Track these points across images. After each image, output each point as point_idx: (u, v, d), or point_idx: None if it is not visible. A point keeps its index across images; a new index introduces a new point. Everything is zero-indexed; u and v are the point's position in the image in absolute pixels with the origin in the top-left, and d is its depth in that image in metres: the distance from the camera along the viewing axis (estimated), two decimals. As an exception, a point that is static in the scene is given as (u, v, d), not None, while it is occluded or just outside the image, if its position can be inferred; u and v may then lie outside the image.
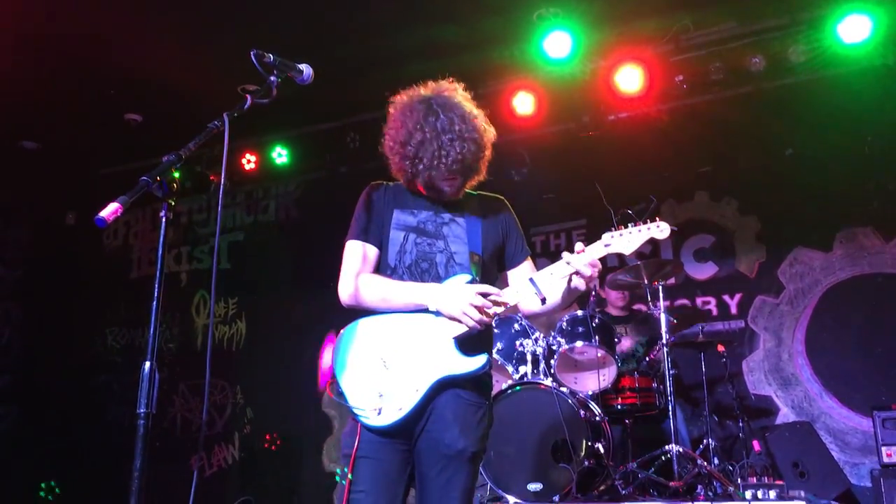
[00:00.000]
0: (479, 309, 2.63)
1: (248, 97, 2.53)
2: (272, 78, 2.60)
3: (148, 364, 2.16)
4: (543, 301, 2.77)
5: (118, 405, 8.75)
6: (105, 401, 8.85)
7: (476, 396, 2.72)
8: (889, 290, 6.31)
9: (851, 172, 6.55)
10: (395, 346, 2.70)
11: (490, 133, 2.85)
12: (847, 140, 6.56)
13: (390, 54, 6.42)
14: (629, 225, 2.80)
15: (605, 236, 2.80)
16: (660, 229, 2.79)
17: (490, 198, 3.04)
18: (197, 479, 2.60)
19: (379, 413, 2.61)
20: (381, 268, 2.86)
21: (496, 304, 2.68)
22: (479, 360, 2.65)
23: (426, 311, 2.70)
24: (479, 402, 2.73)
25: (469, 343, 2.67)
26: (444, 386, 2.66)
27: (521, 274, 2.94)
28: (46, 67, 6.85)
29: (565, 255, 2.70)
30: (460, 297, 2.64)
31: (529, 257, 3.03)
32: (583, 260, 2.67)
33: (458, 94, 2.86)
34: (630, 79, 6.72)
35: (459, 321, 2.64)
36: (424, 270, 2.80)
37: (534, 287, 2.74)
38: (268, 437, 8.15)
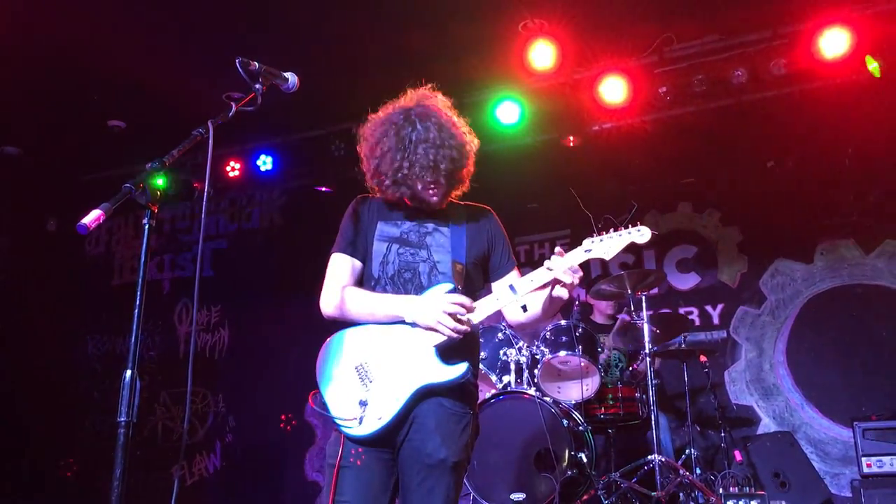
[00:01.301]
0: (454, 317, 2.63)
1: (233, 105, 2.53)
2: (257, 86, 2.60)
3: (129, 372, 2.14)
4: (525, 309, 2.77)
5: (98, 413, 8.67)
6: (85, 408, 8.77)
7: (459, 406, 2.72)
8: (869, 301, 6.38)
9: (832, 185, 6.63)
10: (376, 356, 2.69)
11: (473, 142, 2.85)
12: (827, 153, 6.64)
13: (376, 62, 6.43)
14: (610, 230, 2.81)
15: (586, 242, 2.81)
16: (640, 234, 2.79)
17: (477, 208, 3.04)
18: (178, 487, 2.58)
19: (360, 422, 2.60)
20: (364, 279, 2.87)
21: (470, 310, 2.68)
22: (458, 369, 2.64)
23: (406, 322, 2.70)
24: (463, 412, 2.73)
25: (450, 352, 2.67)
26: (426, 395, 2.65)
27: (506, 284, 2.93)
28: (29, 72, 6.80)
29: (547, 262, 2.71)
30: (434, 306, 2.64)
31: (516, 268, 3.02)
32: (563, 265, 2.67)
33: (439, 102, 2.86)
34: (614, 90, 6.75)
35: (436, 331, 2.64)
36: (407, 280, 2.80)
37: (513, 294, 2.74)
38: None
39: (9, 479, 8.17)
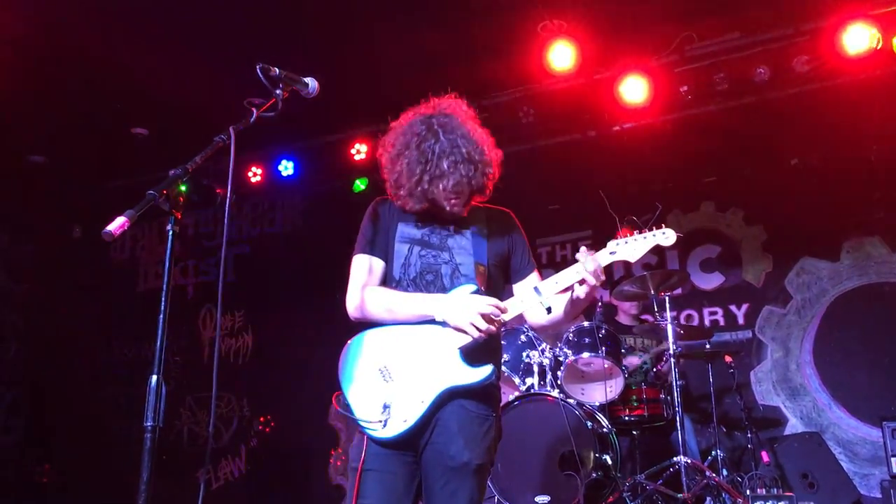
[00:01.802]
0: (486, 318, 2.62)
1: (254, 111, 2.55)
2: (277, 91, 2.61)
3: (154, 377, 2.16)
4: (549, 311, 2.76)
5: (125, 418, 8.75)
6: (111, 414, 8.85)
7: (482, 408, 2.71)
8: (897, 300, 6.29)
9: (857, 182, 6.54)
10: (400, 358, 2.69)
11: (496, 153, 2.81)
12: (852, 149, 6.56)
13: (395, 65, 6.45)
14: (634, 232, 2.80)
15: (611, 244, 2.80)
16: (665, 236, 2.78)
17: (497, 211, 3.03)
18: (203, 492, 2.59)
19: (384, 425, 2.60)
20: (386, 280, 2.86)
21: (503, 311, 2.68)
22: (483, 371, 2.64)
23: (432, 322, 2.69)
24: (486, 414, 2.72)
25: (474, 354, 2.66)
26: (450, 397, 2.65)
27: (528, 286, 2.92)
28: (53, 82, 6.89)
29: (574, 265, 2.70)
30: (467, 306, 2.63)
31: (536, 270, 3.01)
32: (588, 267, 2.66)
33: (462, 111, 2.83)
34: (635, 89, 6.73)
35: (465, 331, 2.64)
36: (430, 282, 2.79)
37: (538, 296, 2.73)
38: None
39: (36, 484, 8.27)
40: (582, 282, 2.70)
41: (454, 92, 2.95)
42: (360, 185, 7.93)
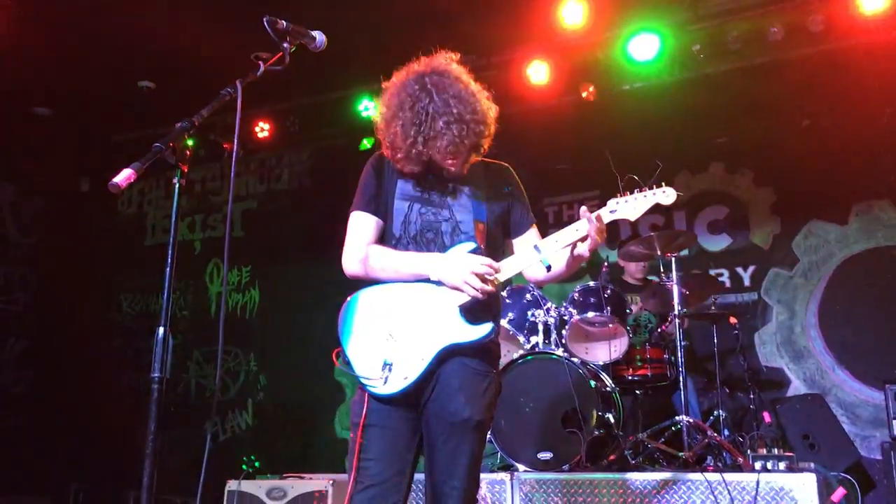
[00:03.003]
0: (481, 277, 2.63)
1: (261, 64, 2.53)
2: (285, 45, 2.59)
3: (161, 329, 2.18)
4: (549, 268, 2.76)
5: (133, 370, 8.85)
6: (119, 366, 8.95)
7: (482, 365, 2.73)
8: (904, 264, 6.27)
9: (869, 144, 6.47)
10: (400, 315, 2.70)
11: (491, 111, 2.77)
12: (865, 111, 6.48)
13: (403, 22, 6.37)
14: (635, 190, 2.79)
15: (611, 202, 2.80)
16: (665, 194, 2.77)
17: (496, 166, 3.00)
18: (210, 443, 2.63)
19: (385, 382, 2.62)
20: (385, 238, 2.85)
21: (498, 272, 2.68)
22: (483, 329, 2.66)
23: (429, 280, 2.70)
24: (486, 371, 2.73)
25: (474, 311, 2.67)
26: (450, 354, 2.66)
27: (527, 242, 2.92)
28: (58, 34, 6.84)
29: (575, 223, 2.70)
30: (461, 266, 2.64)
31: (534, 225, 3.00)
32: (589, 226, 2.66)
33: (455, 69, 2.77)
34: (646, 47, 6.65)
35: (461, 290, 2.64)
36: (430, 240, 2.79)
37: (538, 254, 2.74)
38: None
39: (48, 436, 8.39)
40: (583, 239, 2.70)
41: (463, 48, 2.91)
42: (366, 143, 7.89)
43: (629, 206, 2.78)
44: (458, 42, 2.94)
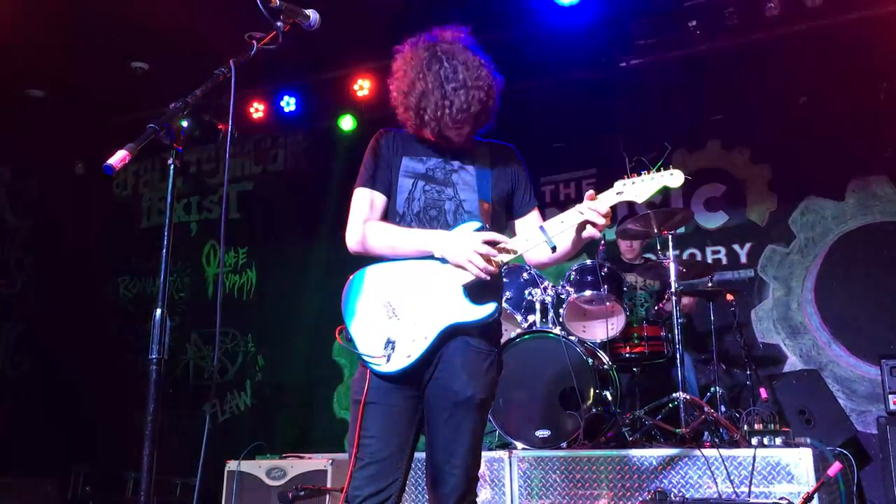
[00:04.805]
0: (485, 257, 2.63)
1: (255, 43, 2.51)
2: (278, 24, 2.57)
3: (159, 311, 2.18)
4: (554, 249, 2.76)
5: (131, 353, 8.86)
6: (118, 348, 8.96)
7: (485, 344, 2.73)
8: (900, 240, 6.28)
9: (865, 120, 6.46)
10: (403, 293, 2.70)
11: (497, 81, 2.81)
12: (862, 87, 6.46)
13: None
14: (641, 173, 2.78)
15: (618, 184, 2.78)
16: (672, 177, 2.77)
17: (501, 146, 3.01)
18: (209, 424, 2.64)
19: (388, 360, 2.63)
20: (389, 215, 2.85)
21: (503, 251, 2.68)
22: (487, 308, 2.66)
23: (433, 257, 2.70)
24: (488, 350, 2.74)
25: (478, 291, 2.67)
26: (453, 333, 2.66)
27: (529, 223, 2.93)
28: (52, 14, 6.78)
29: (580, 205, 2.68)
30: (466, 244, 2.63)
31: (536, 207, 3.01)
32: (595, 207, 2.65)
33: (463, 38, 2.82)
34: (641, 24, 6.62)
35: (465, 269, 2.64)
36: (433, 218, 2.79)
37: (544, 235, 2.73)
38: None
39: (47, 419, 8.41)
40: (589, 222, 2.69)
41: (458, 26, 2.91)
42: (351, 122, 7.89)
43: (636, 189, 2.76)
44: (455, 19, 2.92)
